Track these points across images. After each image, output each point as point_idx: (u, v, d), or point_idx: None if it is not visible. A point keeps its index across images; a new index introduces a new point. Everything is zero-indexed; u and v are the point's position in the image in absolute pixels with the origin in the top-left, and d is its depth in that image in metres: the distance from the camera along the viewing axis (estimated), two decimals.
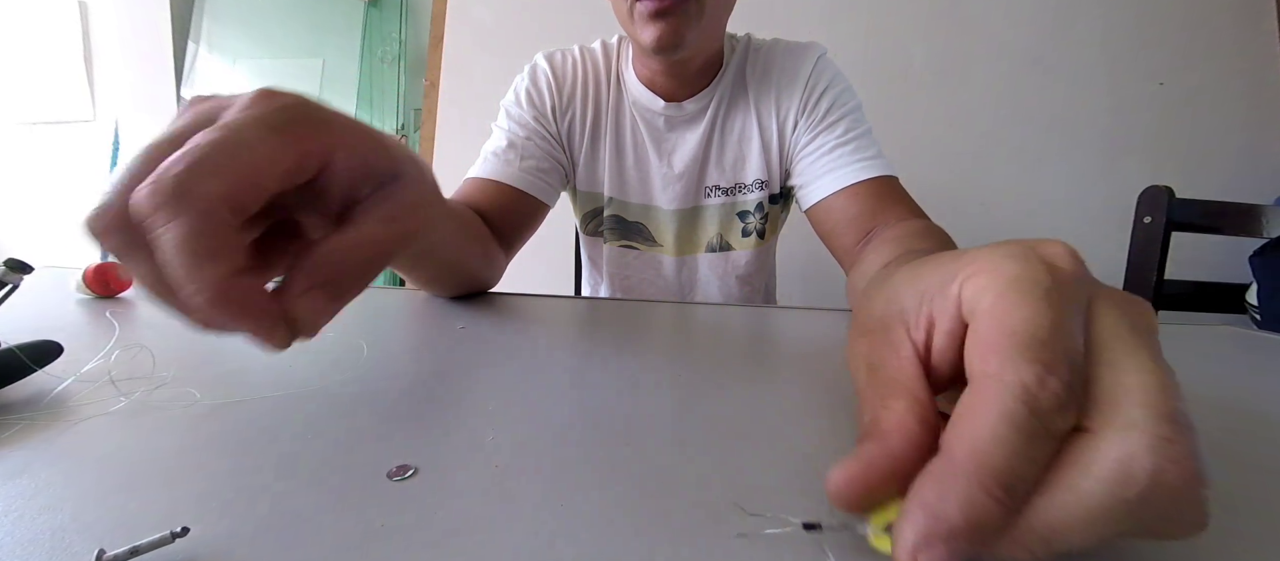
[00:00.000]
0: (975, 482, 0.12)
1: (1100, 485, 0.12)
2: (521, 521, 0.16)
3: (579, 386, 0.27)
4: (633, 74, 0.65)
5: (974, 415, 0.12)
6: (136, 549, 0.14)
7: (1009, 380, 0.12)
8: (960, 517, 0.12)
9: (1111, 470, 0.12)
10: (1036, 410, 0.12)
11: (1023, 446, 0.12)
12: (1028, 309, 0.13)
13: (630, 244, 0.73)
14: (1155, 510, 0.12)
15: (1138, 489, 0.11)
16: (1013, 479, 0.12)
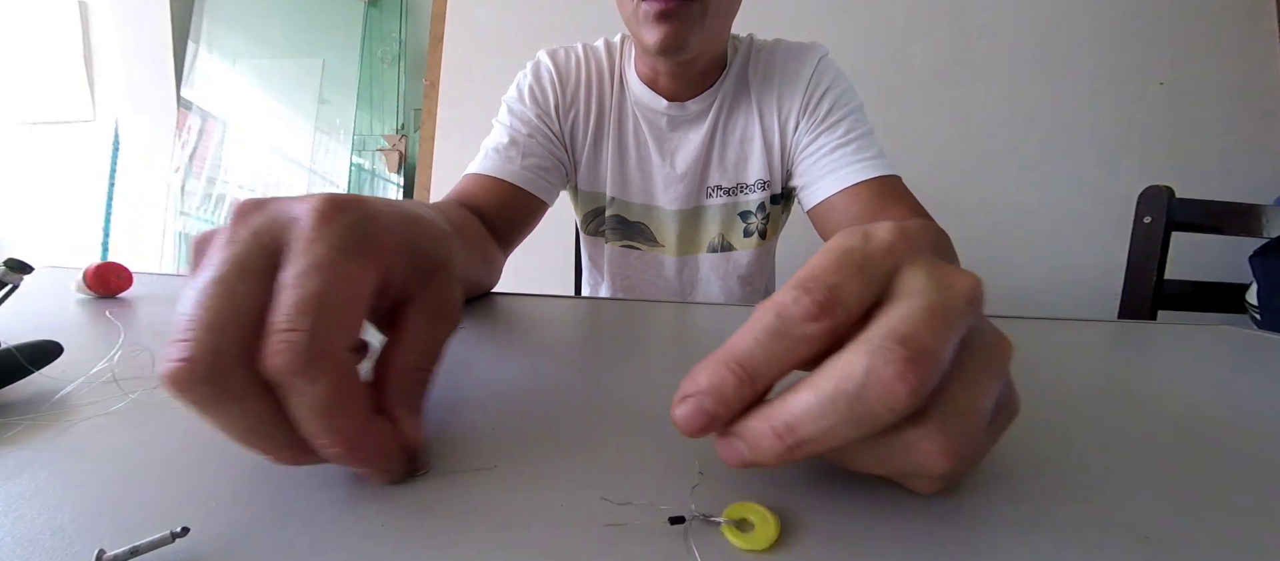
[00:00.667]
0: (720, 360, 0.16)
1: (828, 380, 0.14)
2: (521, 521, 0.16)
3: (579, 386, 0.27)
4: (635, 74, 0.65)
5: (746, 322, 0.16)
6: (136, 549, 0.14)
7: (775, 298, 0.16)
8: (705, 381, 0.16)
9: (839, 369, 0.14)
10: (781, 315, 0.15)
11: (763, 339, 0.15)
12: (819, 258, 0.16)
13: (632, 244, 0.73)
14: (869, 405, 0.14)
15: (854, 382, 0.14)
16: (748, 360, 0.15)
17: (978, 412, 0.15)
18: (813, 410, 0.14)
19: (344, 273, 0.16)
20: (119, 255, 1.96)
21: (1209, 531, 0.17)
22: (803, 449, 0.15)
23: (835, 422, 0.14)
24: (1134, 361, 0.39)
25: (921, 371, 0.14)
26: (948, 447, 0.15)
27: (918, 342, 0.14)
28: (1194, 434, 0.24)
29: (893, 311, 0.15)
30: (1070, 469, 0.20)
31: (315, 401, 0.15)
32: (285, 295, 0.15)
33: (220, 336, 0.15)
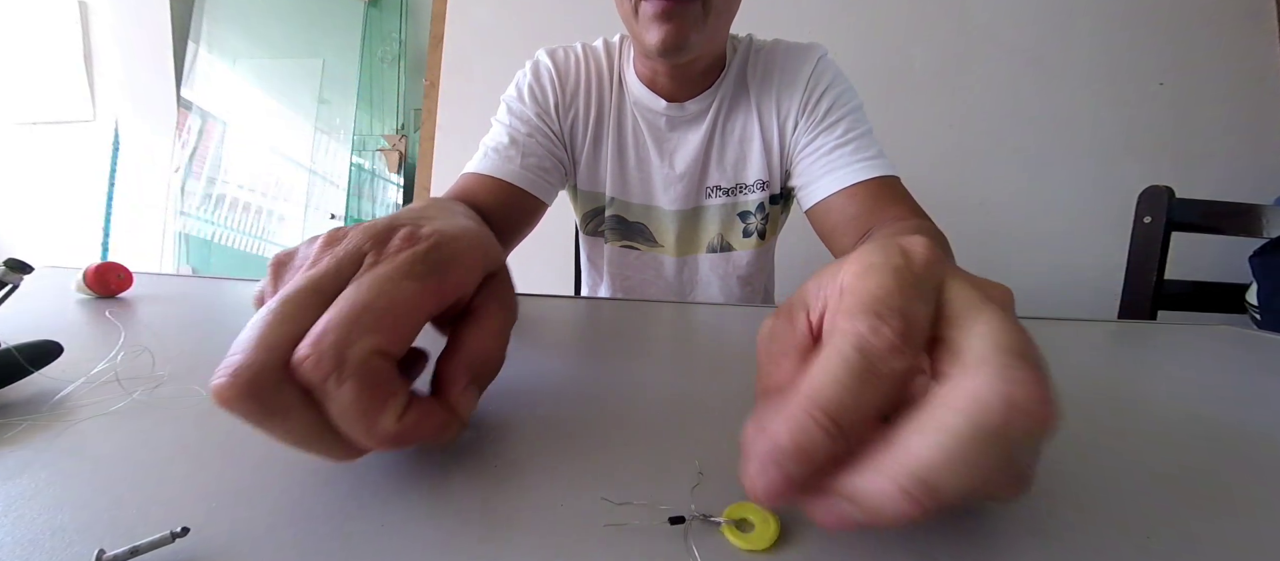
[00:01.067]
0: (804, 411, 0.13)
1: (959, 415, 0.12)
2: (521, 521, 0.16)
3: (579, 386, 0.27)
4: (634, 74, 0.64)
5: (817, 362, 0.14)
6: (136, 549, 0.14)
7: (846, 329, 0.14)
8: (788, 441, 0.13)
9: (968, 401, 0.13)
10: (865, 351, 0.14)
11: (850, 382, 0.13)
12: (874, 280, 0.15)
13: (631, 244, 0.73)
14: (1017, 438, 0.12)
15: (994, 416, 0.12)
16: (838, 409, 0.13)
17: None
18: (954, 458, 0.12)
19: (400, 289, 0.17)
20: (119, 255, 1.96)
21: (1209, 531, 0.17)
22: (936, 502, 0.13)
23: (978, 466, 0.12)
24: (1134, 361, 0.39)
25: (1048, 383, 0.13)
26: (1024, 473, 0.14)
27: (1031, 356, 0.13)
28: (1194, 434, 0.24)
29: (976, 328, 0.14)
30: (1070, 468, 0.20)
31: (344, 404, 0.15)
32: (334, 305, 0.16)
33: (270, 355, 0.15)
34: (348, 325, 0.16)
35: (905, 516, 0.13)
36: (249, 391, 0.15)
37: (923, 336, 0.14)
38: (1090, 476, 0.20)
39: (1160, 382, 0.33)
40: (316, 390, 0.15)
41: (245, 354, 0.15)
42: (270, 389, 0.15)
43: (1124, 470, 0.20)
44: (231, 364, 0.15)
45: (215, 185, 2.08)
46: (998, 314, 0.14)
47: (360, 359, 0.16)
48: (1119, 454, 0.22)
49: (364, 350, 0.16)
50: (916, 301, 0.15)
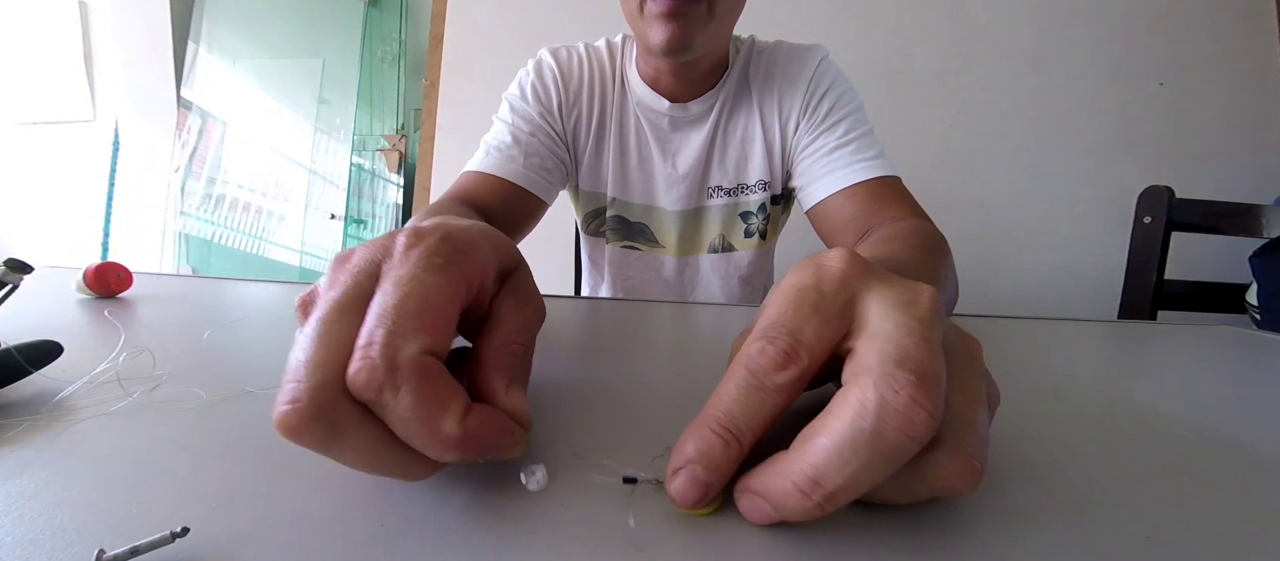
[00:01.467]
0: (705, 424, 0.16)
1: (841, 420, 0.14)
2: (522, 521, 0.16)
3: (579, 386, 0.27)
4: (636, 74, 0.64)
5: (722, 381, 0.17)
6: (136, 549, 0.14)
7: (743, 352, 0.16)
8: (692, 449, 0.16)
9: (850, 406, 0.14)
10: (752, 369, 0.16)
11: (740, 396, 0.16)
12: (774, 304, 0.17)
13: (632, 244, 0.73)
14: (891, 439, 0.14)
15: (869, 419, 0.14)
16: (730, 420, 0.16)
17: (981, 419, 0.16)
18: (834, 458, 0.14)
19: (425, 283, 0.17)
20: (119, 255, 1.96)
21: (1209, 531, 0.17)
22: (834, 502, 0.14)
23: (860, 467, 0.14)
24: (1134, 361, 0.39)
25: (932, 391, 0.14)
26: (970, 464, 0.15)
27: (916, 364, 0.14)
28: (1194, 434, 0.24)
29: (876, 340, 0.15)
30: (1070, 468, 0.20)
31: (405, 411, 0.15)
32: (369, 318, 0.16)
33: (322, 373, 0.15)
34: (389, 330, 0.16)
35: (805, 511, 0.14)
36: (313, 414, 0.15)
37: (811, 350, 0.16)
38: (1090, 476, 0.20)
39: (1160, 382, 0.33)
40: (374, 404, 0.15)
41: (299, 380, 0.15)
42: (331, 408, 0.15)
43: (1124, 470, 0.20)
44: (289, 392, 0.15)
45: (215, 185, 2.08)
46: (900, 324, 0.15)
47: (412, 362, 0.15)
48: (1119, 453, 0.22)
49: (412, 352, 0.16)
50: (809, 319, 0.16)
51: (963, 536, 0.16)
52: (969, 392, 0.16)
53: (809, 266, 0.18)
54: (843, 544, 0.15)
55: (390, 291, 0.17)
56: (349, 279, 0.18)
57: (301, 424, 0.15)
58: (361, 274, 0.18)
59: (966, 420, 0.15)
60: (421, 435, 0.15)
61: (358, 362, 0.15)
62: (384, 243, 0.19)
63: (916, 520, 0.16)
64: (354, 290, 0.17)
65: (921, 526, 0.16)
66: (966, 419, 0.15)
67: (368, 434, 0.15)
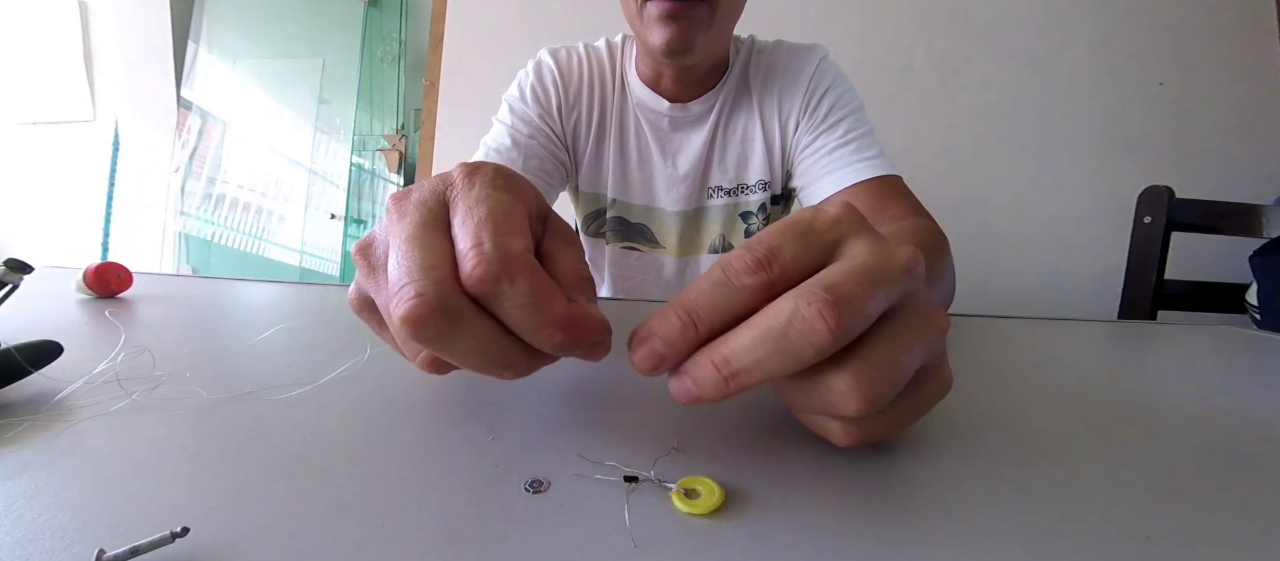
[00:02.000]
0: (671, 309, 0.18)
1: (761, 319, 0.16)
2: (522, 521, 0.16)
3: (579, 387, 0.27)
4: (636, 75, 0.64)
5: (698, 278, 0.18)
6: (136, 549, 0.14)
7: (721, 259, 0.18)
8: (657, 328, 0.18)
9: (771, 310, 0.16)
10: (724, 267, 0.17)
11: (706, 287, 0.17)
12: (768, 228, 0.18)
13: (633, 245, 0.73)
14: (793, 340, 0.15)
15: (781, 320, 0.16)
16: (692, 306, 0.17)
17: (897, 366, 0.17)
18: (745, 345, 0.16)
19: (502, 199, 0.19)
20: (119, 255, 1.96)
21: (1209, 531, 0.17)
22: (737, 380, 0.16)
23: (764, 356, 0.16)
24: (1134, 361, 0.39)
25: (841, 314, 0.15)
26: (860, 390, 0.16)
27: (842, 291, 0.16)
28: (1194, 434, 0.24)
29: (829, 269, 0.17)
30: (1070, 468, 0.20)
31: (523, 298, 0.17)
32: (464, 228, 0.18)
33: (436, 270, 0.17)
34: (494, 233, 0.17)
35: (715, 386, 0.17)
36: (437, 303, 0.16)
37: (784, 266, 0.17)
38: (1090, 475, 0.20)
39: (1160, 382, 0.33)
40: (490, 296, 0.17)
41: (416, 280, 0.16)
42: (451, 299, 0.16)
43: (1123, 470, 0.20)
44: (409, 291, 0.16)
45: (215, 185, 2.08)
46: (858, 263, 0.17)
47: (523, 256, 0.17)
48: (1118, 453, 0.22)
49: (521, 248, 0.17)
50: (791, 241, 0.17)
51: (963, 536, 0.16)
52: (899, 343, 0.17)
53: (809, 209, 0.19)
54: (845, 543, 0.15)
55: (476, 207, 0.18)
56: (420, 206, 0.19)
57: (428, 314, 0.16)
58: (430, 200, 0.19)
59: (881, 358, 0.16)
60: (535, 319, 0.17)
61: (474, 258, 0.17)
62: (441, 177, 0.20)
63: (917, 519, 0.16)
64: (429, 214, 0.19)
65: (922, 526, 0.16)
66: (881, 357, 0.16)
67: (482, 323, 0.17)
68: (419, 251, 0.17)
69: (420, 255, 0.17)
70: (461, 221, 0.18)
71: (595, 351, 0.19)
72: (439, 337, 0.17)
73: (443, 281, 0.16)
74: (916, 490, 0.18)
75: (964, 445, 0.22)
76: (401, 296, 0.16)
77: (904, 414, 0.18)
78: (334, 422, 0.22)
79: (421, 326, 0.16)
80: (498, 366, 0.18)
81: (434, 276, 0.16)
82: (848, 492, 0.18)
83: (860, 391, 0.16)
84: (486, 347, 0.17)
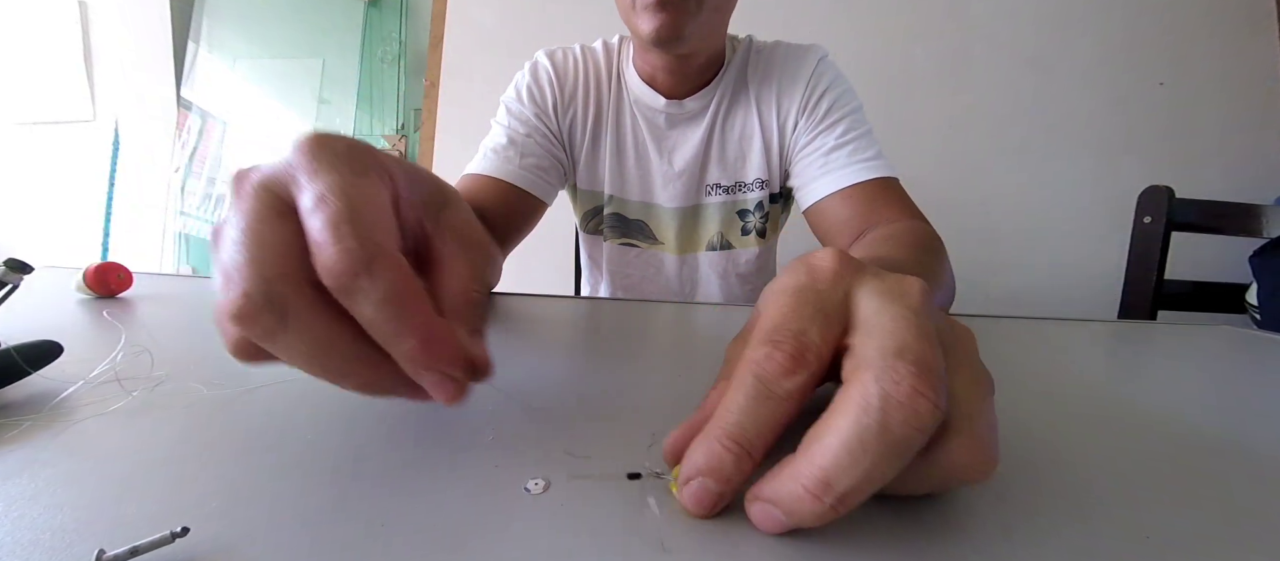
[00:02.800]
0: (712, 436, 0.15)
1: (846, 418, 0.14)
2: (521, 521, 0.16)
3: (579, 387, 0.27)
4: (634, 71, 0.65)
5: (728, 389, 0.16)
6: (136, 549, 0.14)
7: (748, 358, 0.16)
8: (702, 462, 0.15)
9: (853, 403, 0.14)
10: (759, 376, 0.15)
11: (747, 405, 0.15)
12: (774, 307, 0.17)
13: (631, 242, 0.73)
14: (898, 432, 0.13)
15: (874, 414, 0.13)
16: (739, 432, 0.15)
17: (988, 405, 0.16)
18: (842, 458, 0.14)
19: (359, 186, 0.17)
20: (119, 255, 1.96)
21: (1209, 531, 0.17)
22: (845, 504, 0.14)
23: (870, 464, 0.13)
24: (1134, 361, 0.39)
25: (934, 382, 0.14)
26: (984, 451, 0.15)
27: (915, 354, 0.14)
28: (1194, 434, 0.24)
29: (873, 334, 0.15)
30: (1070, 468, 0.20)
31: (382, 295, 0.15)
32: (318, 218, 0.16)
33: (264, 267, 0.15)
34: (353, 221, 0.15)
35: (818, 516, 0.14)
36: (263, 301, 0.15)
37: (818, 352, 0.16)
38: (1089, 475, 0.20)
39: (1160, 382, 0.33)
40: (346, 290, 0.15)
41: (243, 274, 0.15)
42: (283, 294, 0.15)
43: (1123, 469, 0.20)
44: (237, 284, 0.15)
45: (215, 185, 2.08)
46: (897, 317, 0.15)
47: (390, 253, 0.16)
48: (1118, 453, 0.22)
49: (390, 245, 0.16)
50: (812, 320, 0.16)
51: (963, 535, 0.16)
52: (972, 379, 0.16)
53: (800, 267, 0.18)
54: (846, 541, 0.15)
55: (333, 193, 0.16)
56: (259, 191, 0.17)
57: (254, 313, 0.15)
58: (271, 184, 0.17)
59: (974, 406, 0.15)
60: (392, 322, 0.16)
61: (333, 248, 0.15)
62: (285, 157, 0.18)
63: (918, 517, 0.16)
64: (269, 200, 0.17)
65: (922, 524, 0.16)
66: (974, 404, 0.15)
67: (319, 320, 0.16)
68: (251, 244, 0.16)
69: (251, 249, 0.16)
70: (313, 207, 0.16)
71: (445, 388, 0.17)
72: (264, 335, 0.15)
73: (272, 277, 0.15)
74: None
75: None
76: (225, 295, 0.15)
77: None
78: (334, 422, 0.22)
79: (245, 325, 0.15)
80: (334, 373, 0.17)
81: (264, 271, 0.15)
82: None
83: (985, 452, 0.15)
84: (320, 351, 0.16)
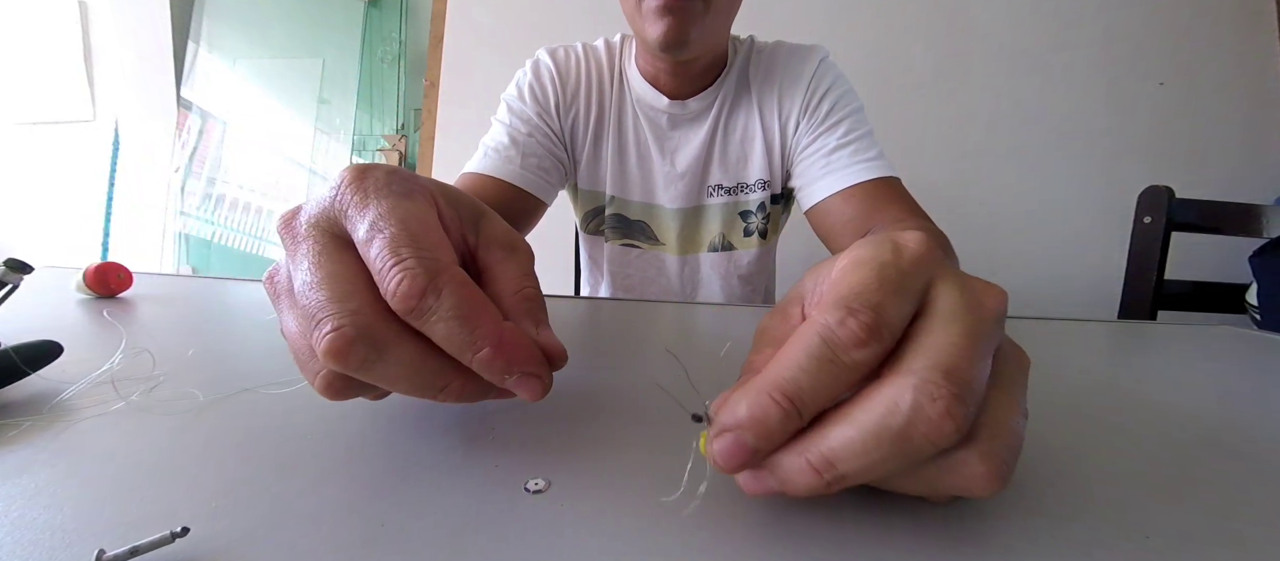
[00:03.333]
0: (764, 389, 0.14)
1: (870, 415, 0.14)
2: (522, 521, 0.16)
3: (579, 386, 0.27)
4: (636, 71, 0.65)
5: (786, 346, 0.15)
6: (136, 549, 0.14)
7: (817, 320, 0.15)
8: (746, 414, 0.14)
9: (882, 403, 0.14)
10: (829, 340, 0.14)
11: (811, 367, 0.14)
12: (856, 274, 0.16)
13: (632, 242, 0.73)
14: (916, 443, 0.13)
15: (900, 419, 0.13)
16: (794, 390, 0.14)
17: (1015, 429, 0.15)
18: (855, 446, 0.14)
19: (408, 208, 0.17)
20: (119, 255, 1.96)
21: (1209, 531, 0.17)
22: (840, 484, 0.14)
23: (878, 459, 0.14)
24: (1134, 361, 0.39)
25: (967, 406, 0.13)
26: (995, 470, 0.14)
27: (962, 376, 0.14)
28: (1194, 434, 0.24)
29: (932, 337, 0.15)
30: (1070, 468, 0.20)
31: (450, 310, 0.16)
32: (375, 246, 0.16)
33: (347, 300, 0.16)
34: (413, 248, 0.16)
35: (812, 490, 0.14)
36: (356, 334, 0.16)
37: (893, 332, 0.15)
38: (1089, 475, 0.20)
39: (1160, 382, 0.33)
40: (416, 312, 0.16)
41: (331, 313, 0.16)
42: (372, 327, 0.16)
43: (1123, 469, 0.20)
44: (327, 325, 0.16)
45: (215, 185, 2.08)
46: (960, 328, 0.15)
47: (450, 269, 0.16)
48: (1118, 453, 0.22)
49: (447, 261, 0.16)
50: (893, 297, 0.15)
51: (963, 535, 0.16)
52: (1011, 399, 0.15)
53: (886, 243, 0.17)
54: (845, 540, 0.15)
55: (385, 219, 0.17)
56: (312, 230, 0.18)
57: (347, 346, 0.15)
58: (321, 222, 0.18)
59: (1003, 424, 0.15)
60: (464, 334, 0.16)
61: (397, 275, 0.16)
62: (328, 194, 0.19)
63: (918, 517, 0.16)
64: (326, 237, 0.18)
65: (922, 524, 0.16)
66: (1004, 423, 0.15)
67: (409, 346, 0.16)
68: (328, 283, 0.16)
69: (329, 288, 0.16)
70: (368, 236, 0.17)
71: (529, 384, 0.18)
72: (361, 367, 0.16)
73: (359, 311, 0.16)
74: None
75: None
76: (320, 329, 0.16)
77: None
78: (334, 423, 0.22)
79: (341, 360, 0.16)
80: (430, 388, 0.17)
81: (351, 306, 0.16)
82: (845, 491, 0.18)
83: (995, 472, 0.14)
84: (414, 369, 0.17)
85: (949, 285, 0.16)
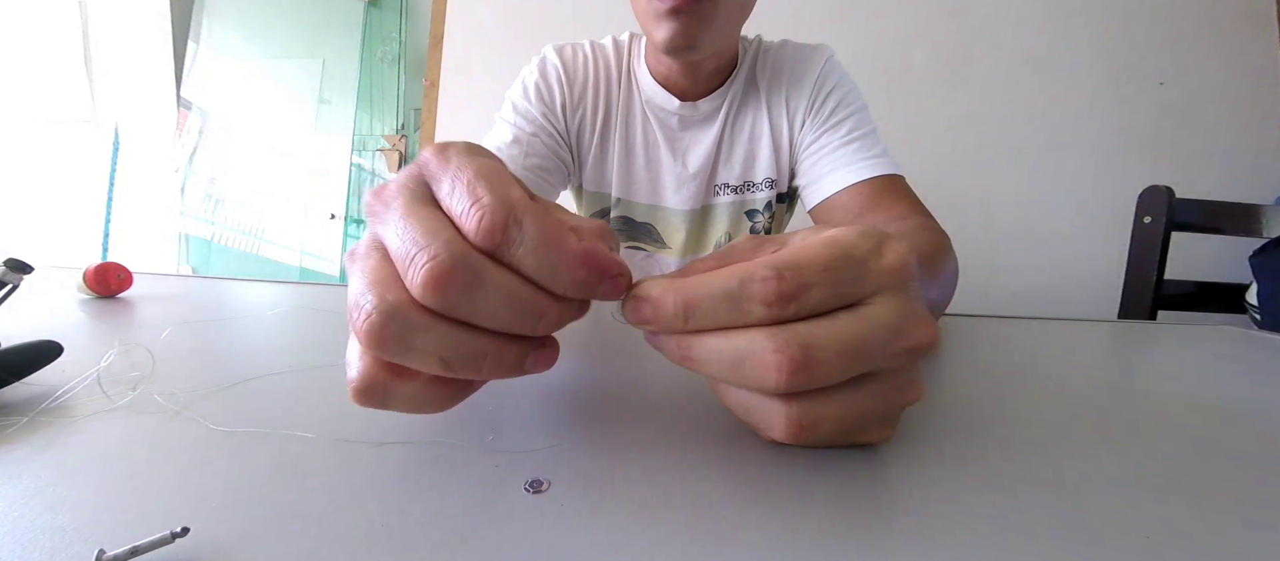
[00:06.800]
0: (674, 288, 0.17)
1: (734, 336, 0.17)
2: (521, 521, 0.16)
3: (579, 387, 0.27)
4: (646, 72, 0.64)
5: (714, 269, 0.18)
6: (136, 549, 0.14)
7: (753, 264, 0.17)
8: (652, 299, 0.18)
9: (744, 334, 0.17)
10: (745, 285, 0.16)
11: (717, 293, 0.17)
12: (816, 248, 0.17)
13: (637, 245, 0.73)
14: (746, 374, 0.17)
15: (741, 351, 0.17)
16: (693, 308, 0.17)
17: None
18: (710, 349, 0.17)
19: (482, 161, 0.18)
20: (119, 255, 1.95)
21: (1209, 531, 0.17)
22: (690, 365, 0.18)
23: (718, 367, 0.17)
24: (1134, 361, 0.39)
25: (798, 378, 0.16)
26: (786, 360, 0.16)
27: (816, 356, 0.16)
28: (1194, 434, 0.24)
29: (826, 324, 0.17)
30: (1070, 468, 0.20)
31: (535, 237, 0.16)
32: (456, 193, 0.17)
33: (444, 234, 0.16)
34: (489, 185, 0.17)
35: (672, 357, 0.18)
36: (452, 263, 0.16)
37: (805, 309, 0.16)
38: (1089, 475, 0.20)
39: (1160, 382, 0.33)
40: (502, 245, 0.16)
41: (425, 247, 0.16)
42: (466, 256, 0.16)
43: (1123, 469, 0.20)
44: (423, 258, 0.16)
45: (215, 185, 2.08)
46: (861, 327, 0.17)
47: (523, 199, 0.17)
48: (1118, 453, 0.22)
49: (520, 194, 0.17)
50: (827, 286, 0.17)
51: (963, 535, 0.16)
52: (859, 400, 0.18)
53: (873, 236, 0.18)
54: (844, 540, 0.15)
55: (461, 172, 0.17)
56: (403, 190, 0.18)
57: (447, 273, 0.16)
58: (411, 183, 0.19)
59: (821, 334, 0.16)
60: (552, 257, 0.17)
61: (476, 214, 0.16)
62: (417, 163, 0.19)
63: (918, 519, 0.16)
64: (414, 195, 0.18)
65: (922, 525, 0.16)
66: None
67: (502, 275, 0.17)
68: (418, 225, 0.17)
69: (421, 226, 0.17)
70: (450, 188, 0.17)
71: (618, 285, 0.19)
72: (465, 294, 0.16)
73: (452, 241, 0.16)
74: (916, 490, 0.18)
75: (963, 445, 0.22)
76: (415, 265, 0.16)
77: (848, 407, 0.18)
78: (334, 422, 0.22)
79: (444, 287, 0.16)
80: (530, 316, 0.17)
81: (443, 238, 0.16)
82: (846, 492, 0.18)
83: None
84: (514, 298, 0.17)
85: (891, 304, 0.17)
